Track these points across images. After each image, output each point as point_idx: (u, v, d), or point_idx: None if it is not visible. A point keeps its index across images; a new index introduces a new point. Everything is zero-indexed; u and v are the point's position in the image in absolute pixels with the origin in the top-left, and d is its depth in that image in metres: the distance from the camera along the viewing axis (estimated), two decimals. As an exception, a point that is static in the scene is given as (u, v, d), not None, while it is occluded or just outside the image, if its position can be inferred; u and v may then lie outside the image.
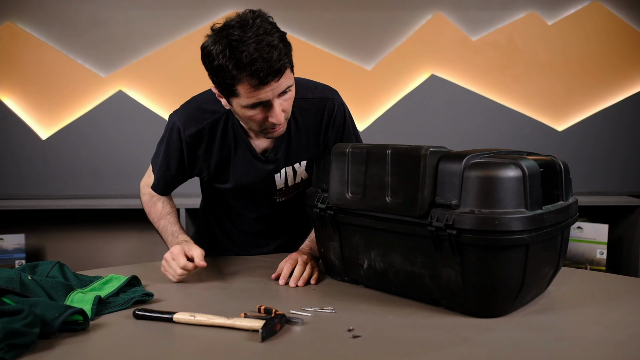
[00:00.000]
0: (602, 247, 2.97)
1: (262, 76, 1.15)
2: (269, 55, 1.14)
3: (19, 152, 3.19)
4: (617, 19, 3.22)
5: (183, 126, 1.40)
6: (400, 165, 1.12)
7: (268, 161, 1.42)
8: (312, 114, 1.42)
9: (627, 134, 3.28)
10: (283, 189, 1.47)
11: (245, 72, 1.15)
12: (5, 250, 2.99)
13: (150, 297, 1.19)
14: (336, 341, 0.97)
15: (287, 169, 1.44)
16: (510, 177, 1.01)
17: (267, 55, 1.14)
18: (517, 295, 1.06)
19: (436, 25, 3.21)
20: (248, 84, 1.17)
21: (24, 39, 3.13)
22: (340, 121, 1.46)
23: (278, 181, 1.45)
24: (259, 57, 1.14)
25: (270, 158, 1.41)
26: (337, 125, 1.45)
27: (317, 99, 1.43)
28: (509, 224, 0.99)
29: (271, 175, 1.44)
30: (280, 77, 1.18)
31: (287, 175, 1.45)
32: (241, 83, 1.17)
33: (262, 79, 1.16)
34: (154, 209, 1.53)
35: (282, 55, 1.17)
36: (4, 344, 0.86)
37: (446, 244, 1.05)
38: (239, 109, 1.25)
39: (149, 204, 1.55)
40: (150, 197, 1.54)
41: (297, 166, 1.44)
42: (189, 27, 3.18)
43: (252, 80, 1.16)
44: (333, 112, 1.43)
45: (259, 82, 1.16)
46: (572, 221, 1.17)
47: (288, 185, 1.47)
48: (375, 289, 1.26)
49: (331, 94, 1.46)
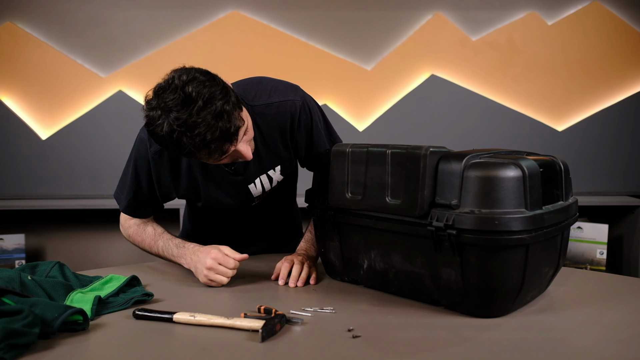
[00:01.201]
0: (602, 247, 2.97)
1: (219, 150, 1.14)
2: (220, 129, 1.10)
3: (19, 152, 3.19)
4: (617, 19, 3.22)
5: (149, 142, 1.34)
6: (400, 165, 1.12)
7: (236, 173, 1.38)
8: (275, 119, 1.37)
9: (627, 134, 3.28)
10: (261, 195, 1.45)
11: (201, 152, 1.14)
12: (5, 250, 2.99)
13: (150, 297, 1.19)
14: (336, 341, 0.97)
15: (261, 177, 1.41)
16: (510, 177, 1.01)
17: (218, 131, 1.10)
18: (517, 295, 1.06)
19: (436, 25, 3.21)
20: (208, 158, 1.17)
21: (24, 39, 3.13)
22: (307, 121, 1.40)
23: (254, 191, 1.42)
24: (211, 138, 1.10)
25: (238, 170, 1.37)
26: (304, 126, 1.40)
27: (277, 102, 1.36)
28: (509, 224, 0.99)
29: (244, 186, 1.41)
30: (237, 138, 1.16)
31: (263, 183, 1.42)
32: (201, 158, 1.18)
33: (221, 152, 1.15)
34: (145, 234, 1.47)
35: (232, 120, 1.12)
36: (4, 344, 0.86)
37: (446, 244, 1.05)
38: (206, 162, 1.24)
39: (137, 232, 1.48)
40: (137, 225, 1.48)
41: (271, 172, 1.42)
42: (189, 27, 3.18)
43: (213, 156, 1.16)
44: (296, 115, 1.37)
45: (219, 155, 1.16)
46: (572, 221, 1.17)
47: (265, 191, 1.44)
48: (375, 289, 1.26)
49: (292, 95, 1.38)
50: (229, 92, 1.15)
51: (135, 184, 1.43)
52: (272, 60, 3.15)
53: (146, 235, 1.47)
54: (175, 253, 1.39)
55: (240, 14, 3.18)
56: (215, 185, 1.39)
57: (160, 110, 1.11)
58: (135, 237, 1.48)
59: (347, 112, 3.19)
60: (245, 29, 3.18)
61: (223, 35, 3.17)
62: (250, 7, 3.17)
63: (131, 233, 1.49)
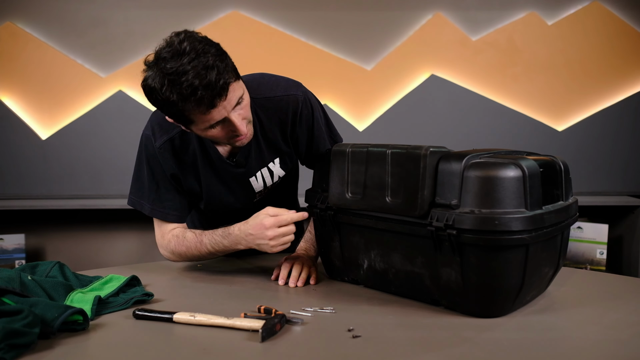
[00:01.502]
0: (602, 247, 2.97)
1: (208, 102, 1.13)
2: (209, 79, 1.11)
3: (19, 152, 3.19)
4: (617, 19, 3.22)
5: (153, 137, 1.35)
6: (400, 165, 1.12)
7: (238, 165, 1.38)
8: (277, 112, 1.37)
9: (627, 134, 3.28)
10: (262, 191, 1.45)
11: (190, 103, 1.13)
12: (5, 250, 2.99)
13: (150, 297, 1.19)
14: (336, 341, 0.97)
15: (262, 171, 1.41)
16: (510, 177, 1.01)
17: (207, 79, 1.11)
18: (517, 295, 1.06)
19: (436, 25, 3.21)
20: (197, 112, 1.16)
21: (24, 39, 3.13)
22: (308, 116, 1.40)
23: (255, 185, 1.42)
24: (199, 84, 1.11)
25: (240, 162, 1.37)
26: (305, 121, 1.40)
27: (279, 97, 1.37)
28: (509, 224, 0.99)
29: (245, 180, 1.41)
30: (227, 94, 1.15)
31: (264, 176, 1.42)
32: (191, 112, 1.16)
33: (209, 104, 1.14)
34: (187, 241, 1.38)
35: (222, 73, 1.13)
36: (4, 344, 0.86)
37: (446, 244, 1.05)
38: (200, 132, 1.22)
39: (179, 243, 1.39)
40: (176, 237, 1.40)
41: (271, 165, 1.42)
42: (189, 27, 3.12)
43: (200, 108, 1.14)
44: (298, 109, 1.37)
45: (207, 107, 1.14)
46: (572, 221, 1.17)
47: (267, 186, 1.45)
48: (375, 289, 1.26)
49: (294, 90, 1.39)
50: (225, 56, 1.18)
51: (154, 183, 1.39)
52: (272, 60, 3.15)
53: (189, 242, 1.38)
54: (227, 243, 1.33)
55: (240, 14, 3.18)
56: (218, 179, 1.39)
57: (155, 64, 1.16)
58: (179, 248, 1.39)
59: (347, 112, 3.19)
60: (245, 29, 3.18)
61: (223, 35, 3.13)
62: (250, 7, 3.17)
63: (173, 247, 1.40)
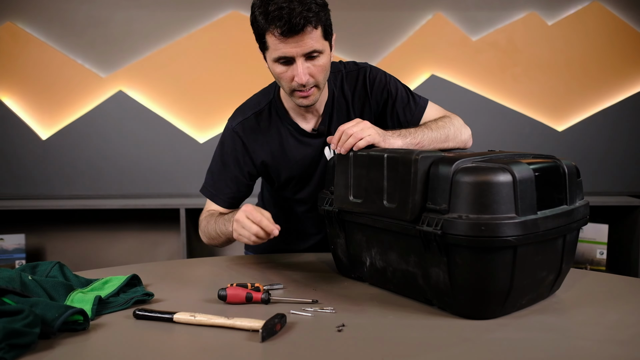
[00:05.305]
0: (602, 247, 2.97)
1: (282, 25, 1.20)
2: (293, 8, 1.19)
3: (19, 152, 3.19)
4: (617, 19, 3.23)
5: (232, 122, 1.47)
6: (395, 170, 1.11)
7: (319, 134, 1.45)
8: (352, 82, 1.46)
9: (627, 134, 3.29)
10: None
11: (270, 23, 1.21)
12: (5, 250, 2.99)
13: (151, 297, 1.19)
14: (336, 341, 0.97)
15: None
16: (498, 182, 0.98)
17: (291, 8, 1.19)
18: (507, 299, 1.04)
19: (436, 25, 3.22)
20: (273, 35, 1.23)
21: (24, 39, 3.13)
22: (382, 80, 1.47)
23: (328, 155, 1.47)
24: (286, 7, 1.19)
25: (321, 130, 1.44)
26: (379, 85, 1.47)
27: (351, 70, 1.48)
28: (497, 230, 0.97)
29: (320, 150, 1.46)
30: (304, 34, 1.21)
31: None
32: (267, 33, 1.24)
33: (284, 30, 1.20)
34: (211, 218, 1.46)
35: (308, 12, 1.20)
36: (4, 344, 0.86)
37: (433, 244, 1.04)
38: (271, 64, 1.30)
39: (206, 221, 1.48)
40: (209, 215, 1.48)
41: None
42: (189, 27, 3.18)
43: (276, 30, 1.21)
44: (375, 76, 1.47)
45: (281, 32, 1.21)
46: (577, 225, 1.14)
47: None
48: (378, 287, 1.27)
49: (364, 64, 1.50)
50: (324, 7, 1.26)
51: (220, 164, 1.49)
52: (272, 60, 3.15)
53: (210, 219, 1.46)
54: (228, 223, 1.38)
55: (240, 14, 3.18)
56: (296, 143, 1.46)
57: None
58: (203, 224, 1.48)
59: (347, 112, 3.19)
60: (245, 29, 3.16)
61: (223, 35, 3.17)
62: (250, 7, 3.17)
63: (203, 225, 1.49)
